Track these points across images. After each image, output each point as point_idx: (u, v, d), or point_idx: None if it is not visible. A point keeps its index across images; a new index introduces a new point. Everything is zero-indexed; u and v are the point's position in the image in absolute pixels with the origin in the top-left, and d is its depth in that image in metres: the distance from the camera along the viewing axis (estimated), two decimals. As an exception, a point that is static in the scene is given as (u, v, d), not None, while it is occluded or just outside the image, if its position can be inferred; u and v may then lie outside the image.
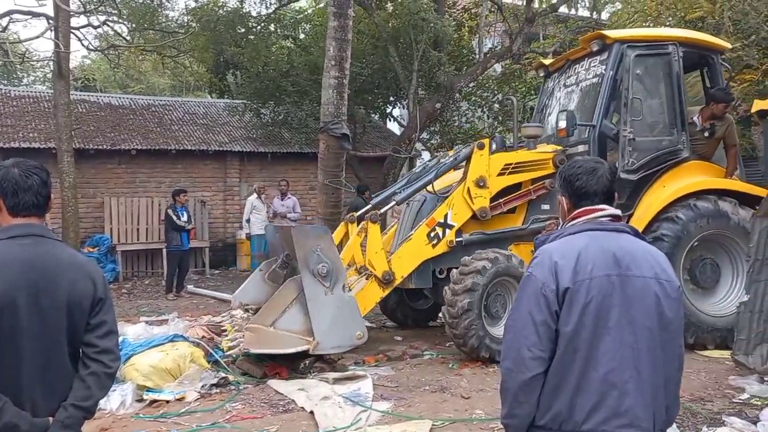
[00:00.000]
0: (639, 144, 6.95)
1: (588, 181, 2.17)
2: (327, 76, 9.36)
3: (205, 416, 5.05)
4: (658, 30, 9.09)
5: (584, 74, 7.58)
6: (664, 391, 2.05)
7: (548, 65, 8.42)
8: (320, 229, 6.62)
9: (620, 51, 7.01)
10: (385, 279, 6.52)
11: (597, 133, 6.90)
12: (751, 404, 5.02)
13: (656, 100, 7.38)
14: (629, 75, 6.96)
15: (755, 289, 5.60)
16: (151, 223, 13.32)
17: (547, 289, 2.00)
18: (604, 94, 7.00)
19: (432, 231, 6.75)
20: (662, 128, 7.26)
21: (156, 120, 15.48)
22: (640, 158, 6.94)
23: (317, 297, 5.81)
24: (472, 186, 6.82)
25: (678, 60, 7.09)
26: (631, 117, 6.90)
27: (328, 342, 5.82)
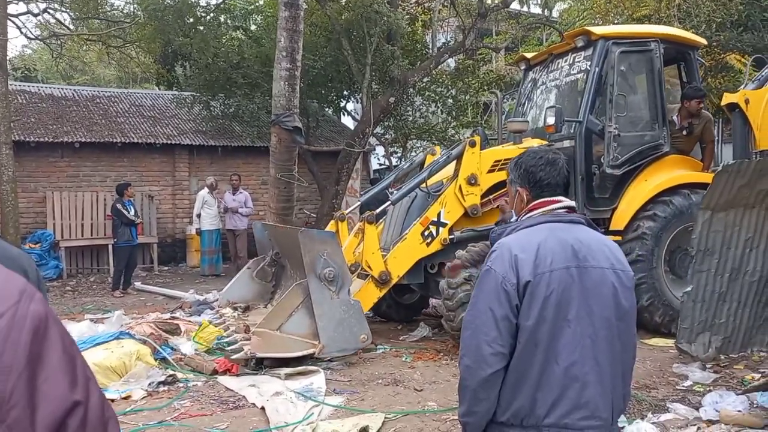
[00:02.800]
0: (623, 139, 7.14)
1: (550, 173, 2.16)
2: (278, 68, 9.22)
3: (151, 415, 4.92)
4: (641, 27, 9.28)
5: (568, 69, 7.68)
6: (621, 381, 2.06)
7: (529, 59, 8.48)
8: (326, 233, 6.66)
9: (605, 47, 7.15)
10: (382, 279, 6.61)
11: (583, 128, 7.05)
12: (694, 391, 5.17)
13: (639, 96, 7.59)
14: (614, 71, 7.12)
15: (698, 279, 5.76)
16: (96, 219, 12.92)
17: (508, 283, 1.97)
18: (589, 90, 7.14)
19: (426, 230, 6.81)
20: (644, 123, 7.46)
21: (101, 112, 15.00)
22: (624, 153, 7.13)
23: (323, 301, 5.88)
24: (463, 184, 6.88)
25: (659, 56, 7.28)
26: (616, 113, 7.07)
27: (334, 345, 5.89)
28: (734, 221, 5.73)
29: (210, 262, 12.29)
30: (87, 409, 1.03)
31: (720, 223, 5.70)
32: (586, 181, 7.12)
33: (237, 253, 12.19)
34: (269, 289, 7.47)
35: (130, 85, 24.67)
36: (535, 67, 8.41)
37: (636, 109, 7.51)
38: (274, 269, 7.32)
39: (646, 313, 6.91)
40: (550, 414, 1.95)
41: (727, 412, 4.46)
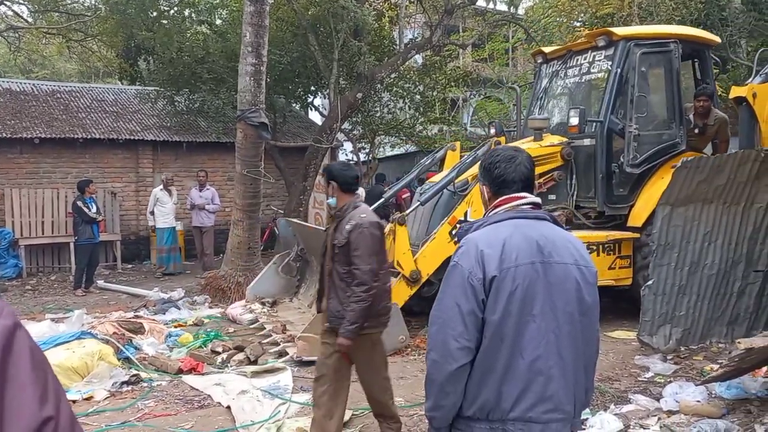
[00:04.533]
0: (642, 138, 7.27)
1: (506, 169, 2.18)
2: (244, 63, 9.13)
3: (114, 415, 4.84)
4: (661, 27, 9.37)
5: (588, 67, 7.76)
6: (584, 375, 2.10)
7: (547, 53, 8.54)
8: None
9: (626, 48, 7.25)
10: (413, 278, 6.67)
11: (605, 128, 7.18)
12: (655, 382, 5.28)
13: (657, 96, 7.70)
14: (635, 72, 7.22)
15: (658, 272, 5.88)
16: (56, 216, 12.62)
17: (474, 278, 1.99)
18: (610, 91, 7.25)
19: (453, 229, 6.84)
20: (662, 123, 7.60)
21: (61, 107, 14.65)
22: (643, 152, 7.26)
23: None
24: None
25: (678, 57, 7.41)
26: (636, 113, 7.17)
27: None
28: (693, 216, 5.86)
29: (165, 260, 11.97)
30: (57, 426, 1.00)
31: (680, 218, 5.83)
32: (606, 179, 7.25)
33: (203, 251, 12.02)
34: (294, 283, 7.73)
35: (92, 79, 24.14)
36: (552, 61, 8.46)
37: (654, 108, 7.64)
38: (299, 264, 7.51)
39: None
40: (515, 408, 1.98)
41: (686, 402, 4.57)
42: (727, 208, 5.92)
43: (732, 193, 5.83)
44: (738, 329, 6.15)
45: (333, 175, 3.94)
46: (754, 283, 6.11)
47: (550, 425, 2.00)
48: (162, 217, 11.73)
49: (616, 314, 7.36)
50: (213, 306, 8.76)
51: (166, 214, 11.72)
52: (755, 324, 6.18)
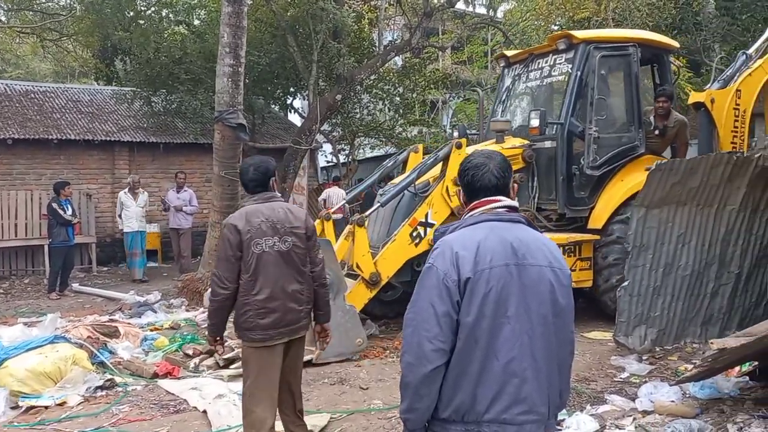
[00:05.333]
0: (602, 141, 7.32)
1: (473, 177, 2.20)
2: (221, 64, 9.07)
3: (88, 421, 4.77)
4: (620, 31, 9.47)
5: (549, 70, 7.81)
6: (558, 377, 2.11)
7: (509, 57, 8.58)
8: (322, 241, 6.55)
9: (586, 51, 7.31)
10: (373, 280, 6.60)
11: (565, 130, 7.22)
12: (631, 382, 5.33)
13: (617, 99, 7.78)
14: (594, 75, 7.28)
15: (633, 274, 5.94)
16: (30, 218, 12.39)
17: (449, 279, 1.99)
18: (570, 93, 7.30)
19: (414, 231, 6.83)
20: (622, 125, 7.68)
21: (35, 107, 14.44)
22: (603, 154, 7.32)
23: None
24: (450, 185, 6.90)
25: (637, 60, 7.50)
26: (596, 115, 7.23)
27: (331, 351, 5.81)
28: (667, 218, 5.93)
29: (130, 265, 11.66)
30: None
31: (654, 220, 5.89)
32: (567, 181, 7.28)
33: (180, 252, 11.89)
34: None
35: (67, 80, 23.81)
36: (514, 65, 8.51)
37: (614, 111, 7.71)
38: None
39: None
40: (489, 409, 1.99)
41: (661, 402, 4.62)
42: (701, 210, 6.00)
43: (705, 196, 5.91)
44: (711, 329, 6.23)
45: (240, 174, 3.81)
46: (727, 284, 6.20)
47: (525, 427, 2.01)
48: (127, 221, 11.38)
49: (592, 315, 7.42)
50: (190, 309, 8.67)
51: (130, 218, 11.35)
52: (728, 324, 6.27)
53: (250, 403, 3.57)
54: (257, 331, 3.54)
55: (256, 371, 3.57)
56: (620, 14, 12.07)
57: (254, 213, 3.59)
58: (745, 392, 4.78)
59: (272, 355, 3.60)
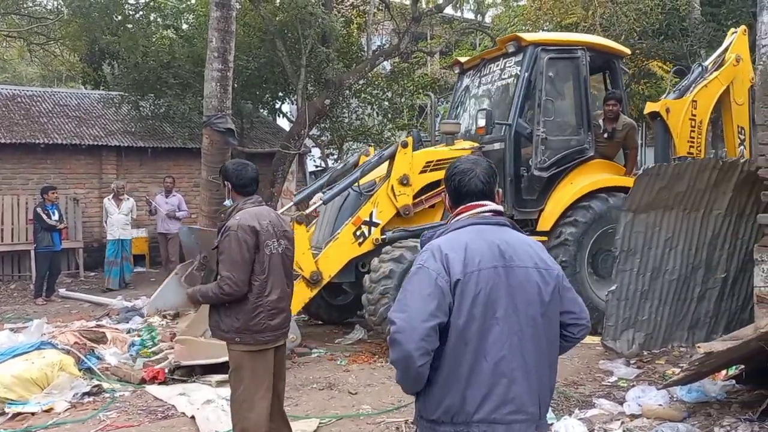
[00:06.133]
0: (550, 143, 7.35)
1: (460, 182, 2.23)
2: (210, 69, 9.06)
3: (75, 427, 4.74)
4: (569, 35, 9.59)
5: (499, 74, 7.85)
6: (549, 376, 2.13)
7: (463, 63, 8.62)
8: None
9: (534, 53, 7.36)
10: (313, 279, 6.51)
11: (512, 132, 7.22)
12: (619, 386, 5.36)
13: (566, 102, 7.82)
14: (542, 77, 7.32)
15: (621, 278, 5.98)
16: (17, 223, 12.28)
17: (442, 279, 2.01)
18: (519, 95, 7.32)
19: (358, 230, 6.79)
20: (571, 128, 7.70)
21: (22, 112, 14.32)
22: (551, 156, 7.34)
23: None
24: (395, 184, 6.90)
25: (586, 64, 7.55)
26: (544, 117, 7.28)
27: None
28: (655, 222, 5.98)
29: (107, 273, 11.26)
30: None
31: (641, 224, 5.93)
32: (515, 182, 7.27)
33: (169, 258, 11.79)
34: None
35: (55, 84, 23.65)
36: (468, 71, 8.57)
37: (563, 113, 7.75)
38: (203, 273, 7.09)
39: None
40: (479, 410, 2.00)
41: (649, 406, 4.64)
42: (687, 215, 6.05)
43: (692, 200, 5.97)
44: (698, 333, 6.28)
45: (227, 176, 3.68)
46: (714, 288, 6.25)
47: (513, 426, 2.02)
48: (109, 228, 11.19)
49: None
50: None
51: (112, 225, 11.15)
52: (715, 328, 6.32)
53: (245, 410, 3.52)
54: (267, 332, 3.54)
55: (250, 376, 3.53)
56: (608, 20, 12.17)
57: (260, 215, 3.60)
58: (731, 396, 4.82)
59: (266, 358, 3.58)
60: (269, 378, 3.61)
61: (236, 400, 3.57)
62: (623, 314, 6.00)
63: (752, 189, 5.85)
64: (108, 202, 11.34)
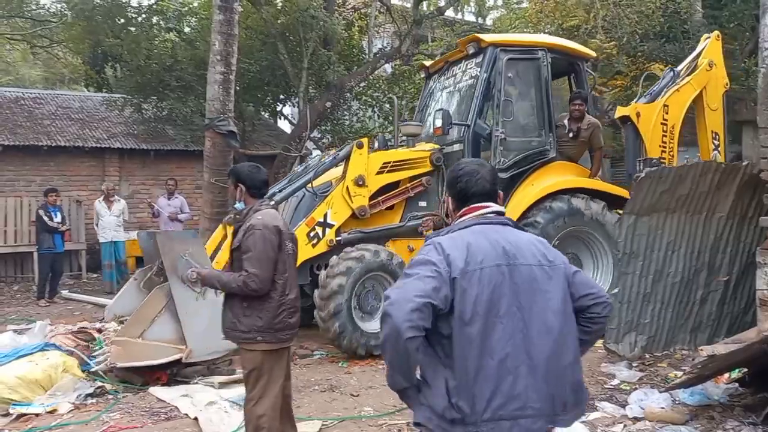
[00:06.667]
0: (510, 144, 7.30)
1: (467, 184, 2.25)
2: (212, 72, 9.09)
3: (78, 429, 4.75)
4: (529, 36, 9.59)
5: (461, 76, 7.81)
6: (566, 372, 2.10)
7: (428, 66, 8.62)
8: (187, 233, 6.37)
9: (494, 54, 7.33)
10: None
11: (471, 132, 7.17)
12: (621, 389, 5.36)
13: (526, 103, 7.77)
14: (501, 77, 7.28)
15: (623, 281, 5.97)
16: (20, 225, 12.32)
17: (443, 269, 2.02)
18: (478, 95, 7.28)
19: (312, 231, 6.70)
20: (531, 129, 7.64)
21: (25, 114, 14.37)
22: (511, 157, 7.28)
23: (188, 303, 5.60)
24: (351, 185, 6.82)
25: (547, 65, 7.50)
26: (503, 118, 7.23)
27: (203, 349, 5.62)
28: (657, 225, 5.97)
29: (106, 276, 11.31)
30: None
31: (644, 227, 5.93)
32: None
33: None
34: None
35: (57, 86, 23.70)
36: (434, 74, 8.51)
37: (523, 115, 7.69)
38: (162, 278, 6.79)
39: None
40: (488, 408, 2.01)
41: (651, 409, 4.64)
42: (690, 218, 6.04)
43: (694, 203, 5.96)
44: (701, 336, 6.27)
45: (241, 178, 3.71)
46: (716, 291, 6.24)
47: (519, 421, 2.03)
48: (101, 230, 11.17)
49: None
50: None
51: (104, 228, 11.12)
52: (717, 331, 6.31)
53: (260, 409, 3.55)
54: (286, 330, 3.61)
55: (268, 376, 3.59)
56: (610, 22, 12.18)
57: (277, 216, 3.71)
58: (734, 399, 4.82)
59: (282, 357, 3.67)
60: (283, 378, 3.68)
61: (250, 399, 3.61)
62: (625, 317, 5.99)
63: (755, 192, 5.85)
64: (99, 204, 11.29)
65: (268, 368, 3.58)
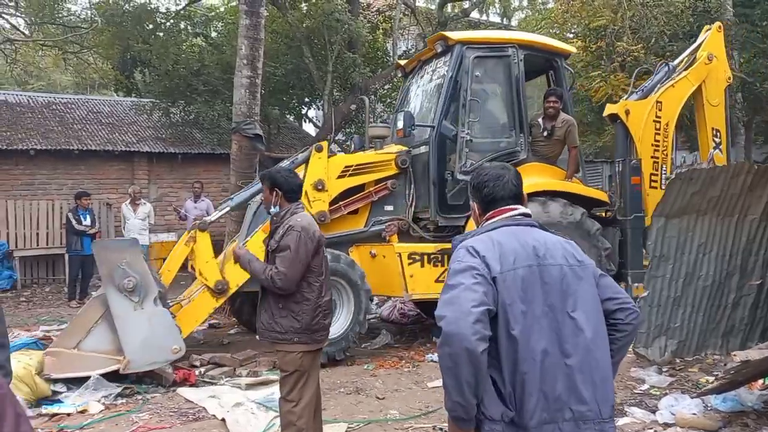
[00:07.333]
0: (476, 145, 7.00)
1: (494, 188, 2.24)
2: (239, 76, 9.16)
3: (109, 428, 4.80)
4: (499, 33, 9.11)
5: (432, 75, 7.57)
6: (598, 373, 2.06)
7: (404, 66, 8.34)
8: (125, 241, 6.19)
9: (461, 52, 7.03)
10: (218, 289, 6.24)
11: (436, 134, 6.87)
12: (651, 394, 5.27)
13: (496, 102, 7.46)
14: (468, 76, 6.97)
15: (653, 284, 5.88)
16: (52, 228, 12.58)
17: (483, 271, 2.00)
18: (444, 95, 6.98)
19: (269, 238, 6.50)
20: (501, 130, 7.31)
21: (57, 119, 14.67)
22: (478, 159, 6.93)
23: (125, 313, 5.50)
24: (310, 189, 6.60)
25: (518, 63, 7.13)
26: (470, 118, 6.93)
27: (142, 359, 5.53)
28: (687, 227, 5.88)
29: None
30: None
31: (674, 229, 5.84)
32: (439, 187, 6.89)
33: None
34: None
35: (88, 91, 24.15)
36: (410, 74, 8.25)
37: (493, 115, 7.40)
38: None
39: None
40: (534, 414, 1.98)
41: (682, 415, 4.56)
42: (721, 220, 5.93)
43: (726, 205, 5.85)
44: (733, 341, 6.15)
45: (278, 183, 3.72)
46: (749, 295, 6.12)
47: (560, 424, 2.00)
48: (126, 233, 11.20)
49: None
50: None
51: (129, 231, 11.15)
52: (750, 336, 6.19)
53: (299, 410, 3.59)
54: (321, 332, 3.67)
55: (306, 376, 3.63)
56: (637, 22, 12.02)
57: (313, 220, 3.79)
58: (768, 405, 4.72)
59: (317, 358, 3.74)
60: (318, 378, 3.75)
61: (289, 401, 3.63)
62: (655, 321, 5.91)
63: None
64: (125, 207, 11.44)
65: (306, 370, 3.65)
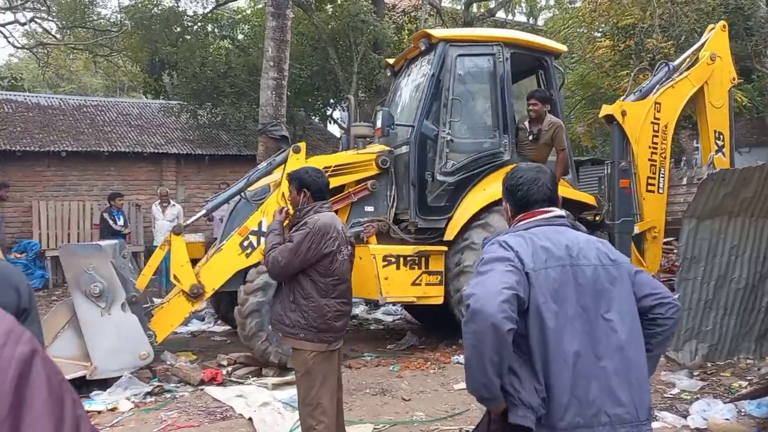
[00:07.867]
0: (458, 146, 6.81)
1: (529, 191, 2.21)
2: (265, 77, 9.24)
3: (138, 426, 4.87)
4: (484, 30, 8.92)
5: (417, 73, 7.44)
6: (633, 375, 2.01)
7: (392, 64, 8.17)
8: (92, 246, 6.17)
9: (443, 50, 6.86)
10: (193, 293, 6.19)
11: (417, 133, 6.70)
12: (681, 398, 5.19)
13: (480, 102, 7.28)
14: (451, 75, 6.79)
15: (684, 286, 5.78)
16: (82, 228, 12.81)
17: (517, 263, 1.97)
18: (426, 95, 6.82)
19: (245, 240, 6.34)
20: (485, 130, 7.13)
21: (88, 121, 14.93)
22: (459, 160, 6.79)
23: (92, 319, 5.49)
24: (287, 191, 6.55)
25: (503, 61, 6.94)
26: (451, 118, 6.74)
27: (109, 365, 5.51)
28: (720, 229, 5.76)
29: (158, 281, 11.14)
30: None
31: (706, 231, 5.73)
32: (419, 188, 6.71)
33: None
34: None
35: (117, 93, 24.56)
36: (397, 72, 8.09)
37: (476, 115, 7.24)
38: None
39: None
40: (566, 414, 1.95)
41: (715, 420, 4.48)
42: (755, 222, 5.81)
43: (759, 206, 5.73)
44: (767, 345, 6.02)
45: (306, 183, 3.70)
46: (783, 298, 5.98)
47: (596, 429, 1.96)
48: (155, 234, 11.33)
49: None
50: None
51: (158, 232, 11.25)
52: (784, 339, 6.05)
53: (318, 413, 3.53)
54: (330, 333, 3.58)
55: (322, 378, 3.56)
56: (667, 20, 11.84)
57: (336, 220, 3.71)
58: (804, 411, 4.60)
59: (334, 360, 3.67)
60: (335, 381, 3.67)
61: (308, 404, 3.57)
62: (686, 324, 5.80)
63: (825, 194, 5.58)
64: (155, 208, 11.56)
65: (320, 371, 3.57)
